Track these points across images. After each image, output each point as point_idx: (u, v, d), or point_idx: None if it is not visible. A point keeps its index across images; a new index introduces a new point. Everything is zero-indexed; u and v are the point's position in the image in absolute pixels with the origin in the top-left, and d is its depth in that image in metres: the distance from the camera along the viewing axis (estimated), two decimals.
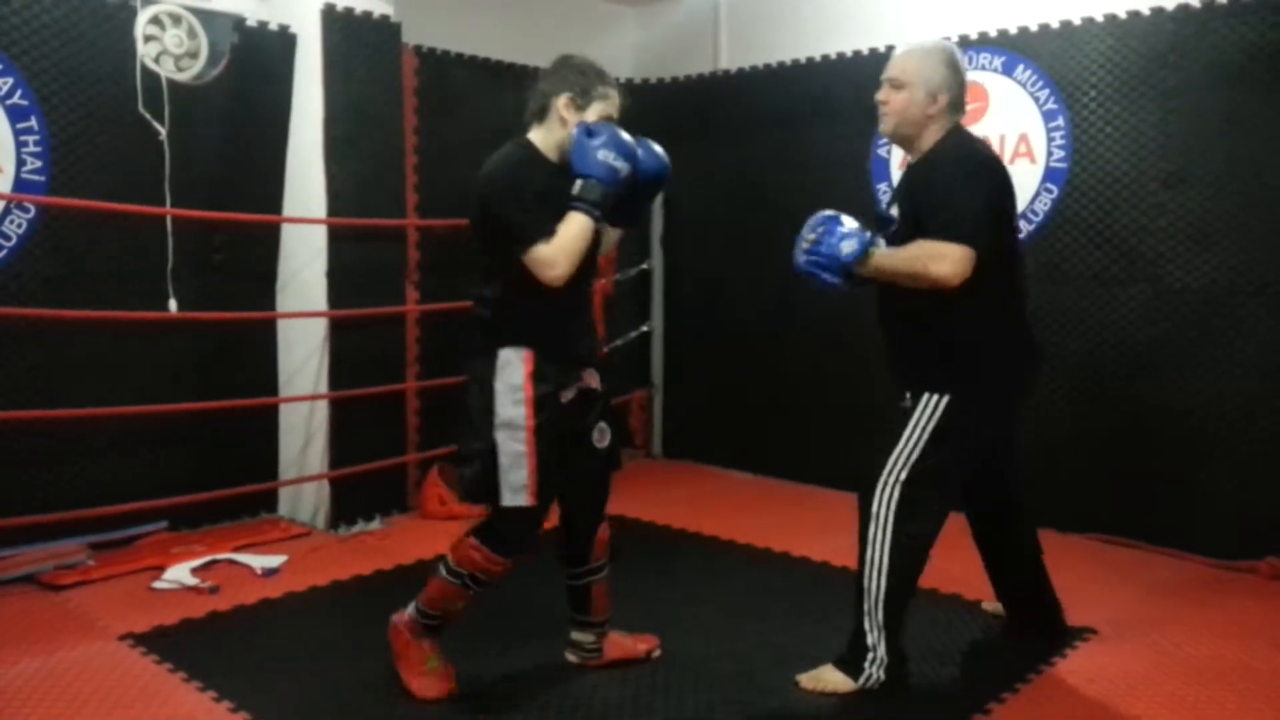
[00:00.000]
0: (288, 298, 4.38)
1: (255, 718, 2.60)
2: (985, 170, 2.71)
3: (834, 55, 4.96)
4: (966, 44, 4.44)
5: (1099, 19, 4.09)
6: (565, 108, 2.54)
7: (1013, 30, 4.35)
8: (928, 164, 2.75)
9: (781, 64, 5.17)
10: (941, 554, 2.85)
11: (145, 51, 3.87)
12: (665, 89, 5.66)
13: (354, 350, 4.30)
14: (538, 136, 2.60)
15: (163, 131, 3.93)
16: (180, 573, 3.62)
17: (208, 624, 3.24)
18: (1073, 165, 4.20)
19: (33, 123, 3.66)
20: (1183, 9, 3.89)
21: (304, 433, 4.34)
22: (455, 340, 2.86)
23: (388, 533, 4.31)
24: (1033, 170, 4.27)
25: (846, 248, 2.68)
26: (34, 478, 3.73)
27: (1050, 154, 4.26)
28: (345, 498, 4.30)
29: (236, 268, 4.25)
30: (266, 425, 4.42)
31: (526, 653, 2.89)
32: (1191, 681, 2.84)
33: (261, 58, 4.22)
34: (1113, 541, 4.09)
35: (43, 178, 3.69)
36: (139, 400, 3.90)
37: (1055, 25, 4.22)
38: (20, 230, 3.66)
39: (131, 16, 3.84)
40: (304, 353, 4.32)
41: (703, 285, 5.61)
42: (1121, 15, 4.04)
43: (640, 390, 5.78)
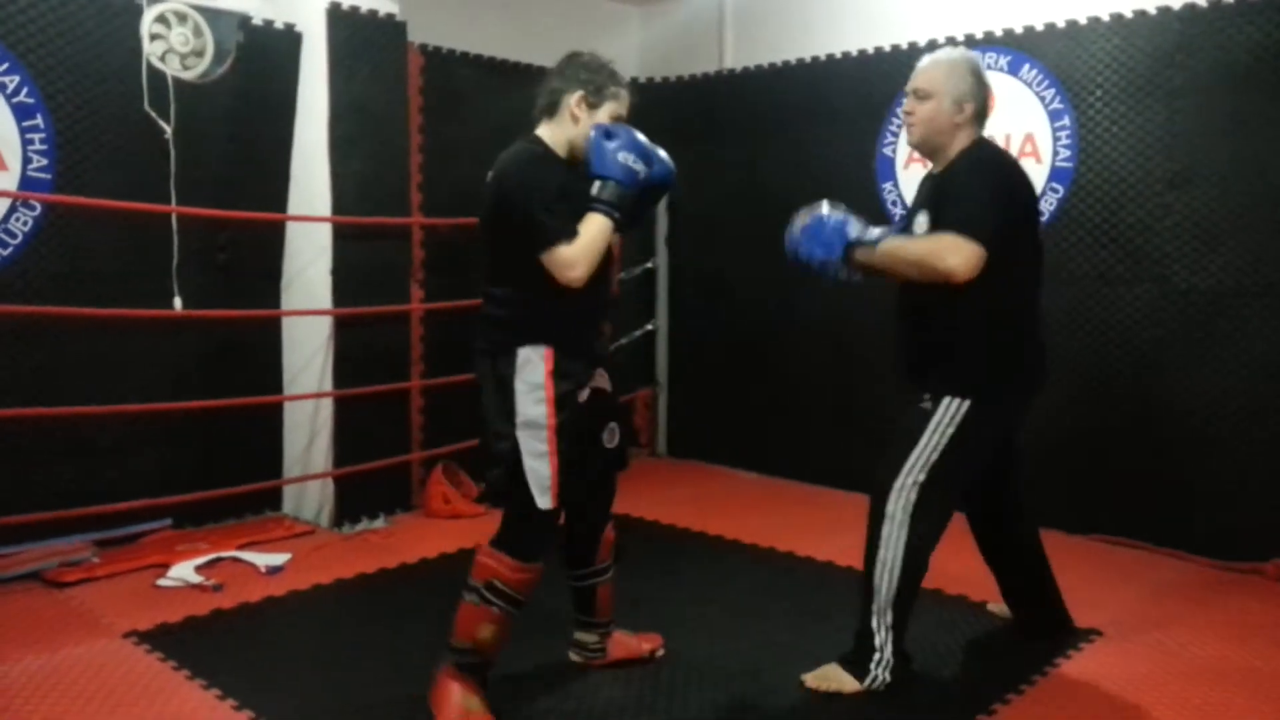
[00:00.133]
0: (292, 296, 4.39)
1: (259, 716, 2.60)
2: (1006, 175, 2.72)
3: (839, 55, 4.95)
4: (972, 43, 4.42)
5: (1105, 18, 4.08)
6: (577, 105, 2.53)
7: (1018, 29, 4.34)
8: (952, 171, 2.74)
9: (787, 63, 5.16)
10: (945, 555, 2.86)
11: (151, 50, 3.87)
12: (670, 88, 5.66)
13: (358, 348, 4.31)
14: (547, 133, 2.58)
15: (168, 130, 3.93)
16: (184, 570, 3.62)
17: (212, 622, 3.24)
18: (1078, 165, 4.19)
19: (38, 120, 3.67)
20: (1189, 8, 3.88)
21: (308, 431, 4.35)
22: (460, 338, 2.85)
23: (391, 531, 4.31)
24: (1038, 170, 4.25)
25: (852, 228, 2.69)
26: (39, 475, 3.74)
27: (1056, 154, 4.25)
28: (349, 496, 4.30)
29: (241, 266, 4.25)
30: (271, 423, 4.43)
31: (528, 652, 2.88)
32: (1196, 683, 2.83)
33: (267, 56, 4.22)
34: (1117, 542, 4.08)
35: (48, 175, 3.70)
36: (144, 398, 3.91)
37: (1061, 24, 4.21)
38: (26, 228, 3.67)
39: (137, 15, 3.84)
40: (308, 351, 4.33)
41: (707, 284, 5.61)
42: (1128, 15, 4.03)
43: (645, 389, 5.78)
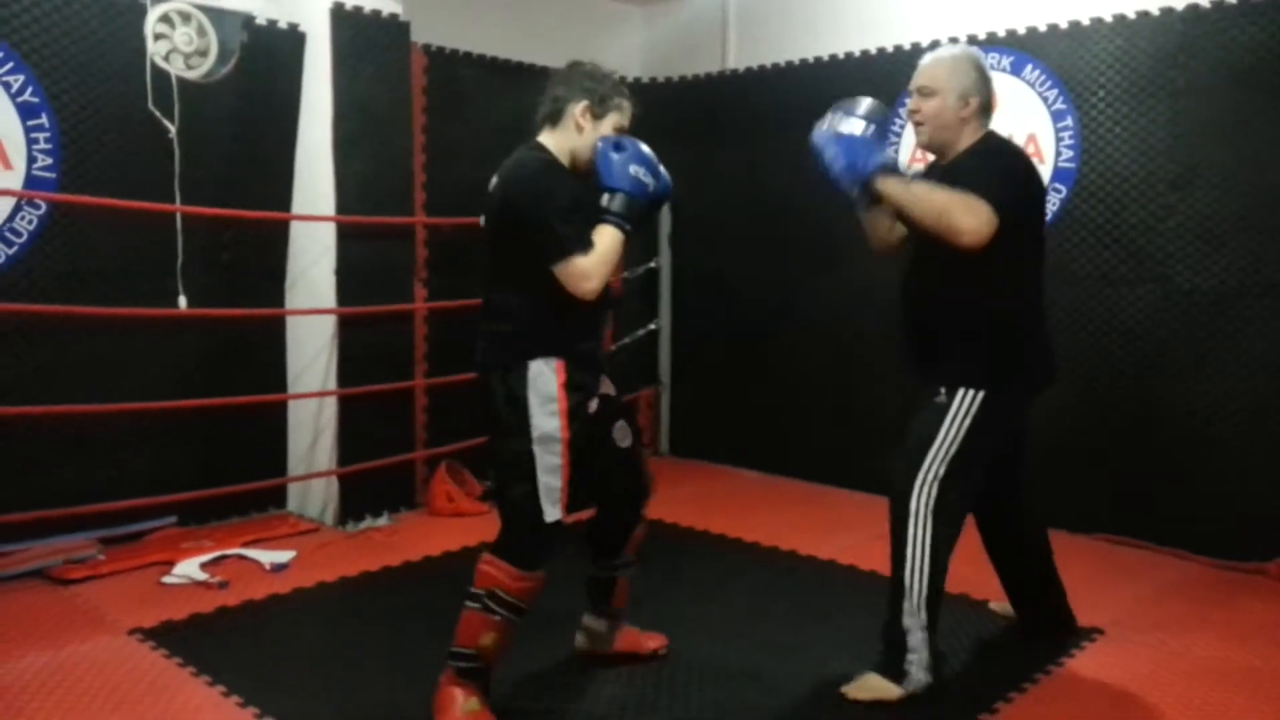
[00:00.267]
0: (296, 295, 4.40)
1: (263, 713, 2.61)
2: (1019, 161, 2.75)
3: (842, 55, 4.95)
4: (975, 44, 4.41)
5: (1108, 19, 4.08)
6: (582, 115, 2.53)
7: (1021, 30, 4.34)
8: (962, 159, 2.72)
9: (790, 63, 5.16)
10: None
11: (155, 49, 3.88)
12: (673, 88, 5.66)
13: (362, 347, 4.32)
14: (550, 141, 2.57)
15: (172, 129, 3.94)
16: (189, 568, 3.63)
17: (216, 619, 3.25)
18: (1081, 165, 4.19)
19: (43, 120, 3.68)
20: (1192, 9, 3.88)
21: (312, 429, 4.36)
22: (463, 338, 2.85)
23: (395, 529, 4.32)
24: (1041, 170, 4.23)
25: (888, 153, 2.66)
26: (44, 473, 3.74)
27: (1059, 154, 4.25)
28: (353, 494, 4.31)
29: (245, 265, 4.26)
30: (275, 422, 4.43)
31: (530, 651, 2.89)
32: (1199, 683, 2.83)
33: (271, 56, 4.23)
34: (1119, 542, 4.08)
35: (53, 175, 3.71)
36: (148, 396, 3.92)
37: (1064, 25, 4.21)
38: (31, 227, 3.68)
39: (141, 14, 3.85)
40: (312, 350, 4.34)
41: (710, 284, 5.61)
42: (1130, 15, 4.03)
43: (647, 388, 5.79)
